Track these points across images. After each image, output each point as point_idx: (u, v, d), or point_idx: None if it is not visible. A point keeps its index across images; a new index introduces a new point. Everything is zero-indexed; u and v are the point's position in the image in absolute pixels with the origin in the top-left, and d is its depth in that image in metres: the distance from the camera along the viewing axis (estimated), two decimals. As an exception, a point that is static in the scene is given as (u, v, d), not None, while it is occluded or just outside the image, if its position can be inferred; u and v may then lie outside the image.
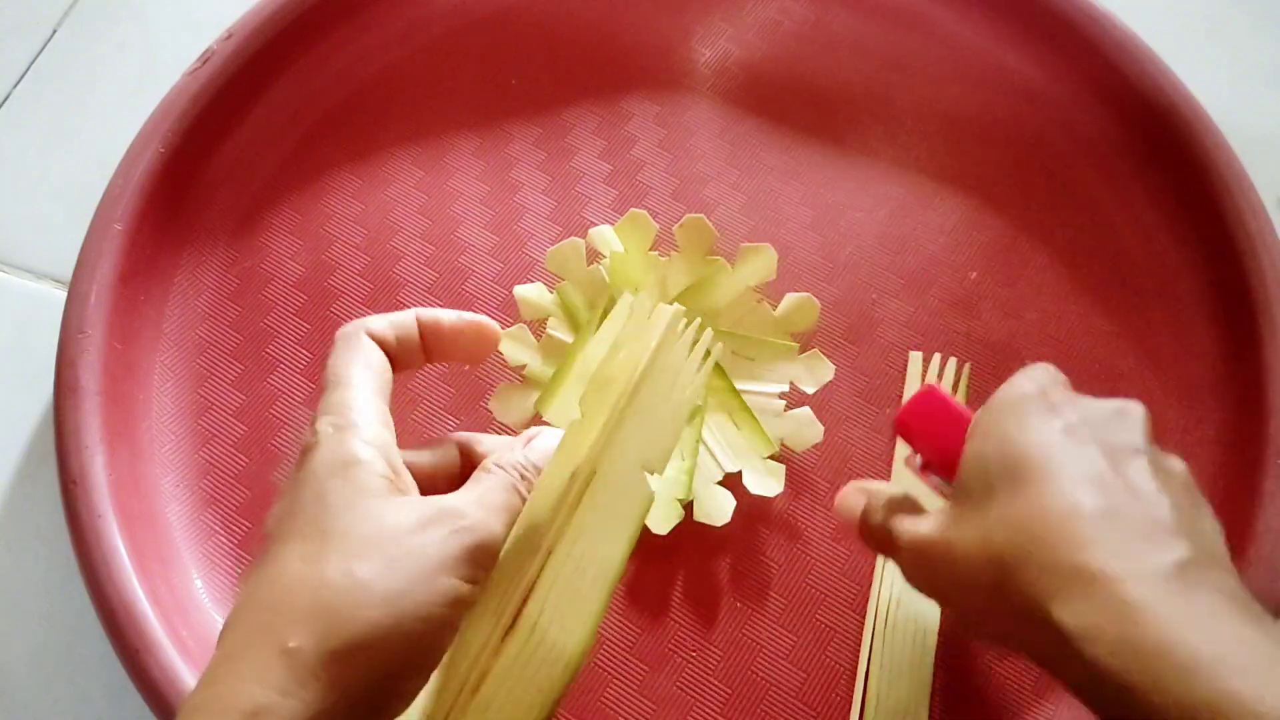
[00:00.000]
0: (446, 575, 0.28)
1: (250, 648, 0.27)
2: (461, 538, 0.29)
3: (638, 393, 0.33)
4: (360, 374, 0.34)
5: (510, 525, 0.31)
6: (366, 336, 0.35)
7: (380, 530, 0.28)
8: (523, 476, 0.32)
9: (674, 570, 0.46)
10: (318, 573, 0.28)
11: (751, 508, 0.47)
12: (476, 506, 0.30)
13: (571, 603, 0.31)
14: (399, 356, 0.35)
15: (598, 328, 0.46)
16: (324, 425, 0.31)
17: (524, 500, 0.32)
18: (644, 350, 0.34)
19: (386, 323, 0.35)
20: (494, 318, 0.51)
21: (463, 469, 0.35)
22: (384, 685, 0.27)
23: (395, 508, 0.29)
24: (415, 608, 0.27)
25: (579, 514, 0.32)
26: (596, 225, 0.52)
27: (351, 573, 0.27)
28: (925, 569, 0.35)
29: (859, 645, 0.45)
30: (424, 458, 0.34)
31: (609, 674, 0.45)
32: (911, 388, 0.50)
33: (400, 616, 0.27)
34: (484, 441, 0.35)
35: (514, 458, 0.33)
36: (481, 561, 0.29)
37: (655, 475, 0.33)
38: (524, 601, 0.31)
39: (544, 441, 0.34)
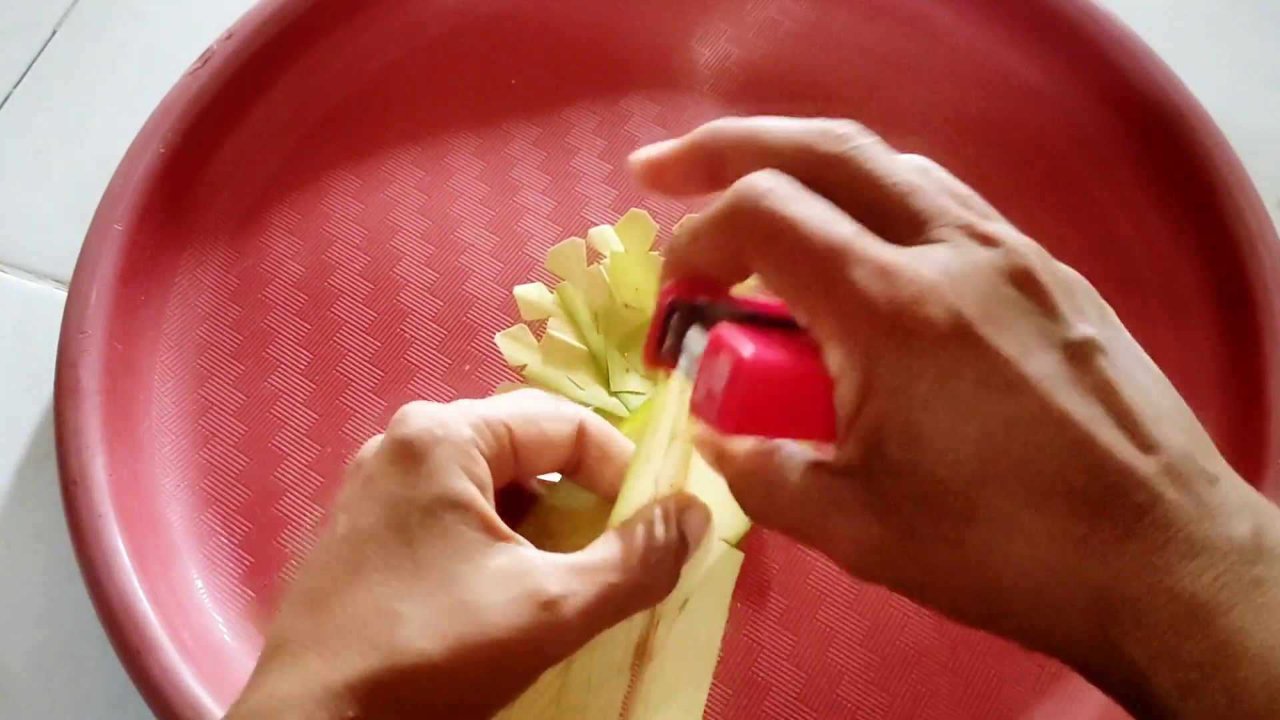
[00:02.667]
0: (509, 663, 0.27)
1: (309, 701, 0.26)
2: (535, 613, 0.27)
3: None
4: (508, 401, 0.31)
5: (603, 624, 0.28)
6: (580, 422, 0.32)
7: (465, 609, 0.27)
8: (660, 564, 0.29)
9: (674, 570, 0.46)
10: (389, 638, 0.26)
11: (752, 508, 0.47)
12: (563, 583, 0.27)
13: (679, 689, 0.29)
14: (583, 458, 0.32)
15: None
16: (427, 428, 0.28)
17: (640, 599, 0.29)
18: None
19: (608, 432, 0.32)
20: (494, 318, 0.52)
21: (573, 457, 0.32)
22: None
23: (485, 582, 0.27)
24: (473, 698, 0.27)
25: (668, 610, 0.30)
26: (597, 225, 0.52)
27: (426, 654, 0.26)
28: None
29: (861, 646, 0.45)
30: (533, 432, 0.30)
31: (609, 674, 0.45)
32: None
33: (458, 705, 0.26)
34: (608, 446, 0.32)
35: (661, 535, 0.29)
36: (552, 654, 0.27)
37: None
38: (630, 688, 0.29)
39: (700, 520, 0.30)
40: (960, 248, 0.25)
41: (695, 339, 0.27)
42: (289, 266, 0.53)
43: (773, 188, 0.26)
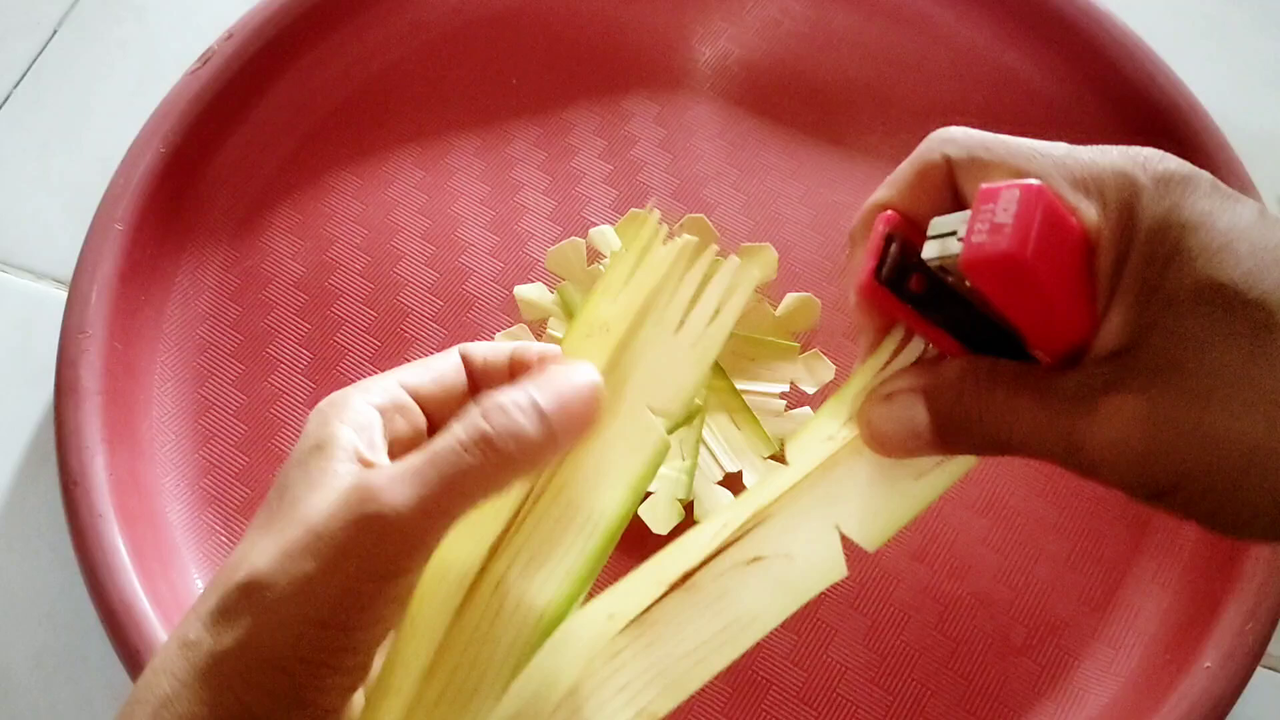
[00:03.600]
0: (342, 574, 0.26)
1: (171, 640, 0.27)
2: (357, 529, 0.26)
3: (639, 329, 0.29)
4: (410, 369, 0.31)
5: (446, 506, 0.26)
6: (457, 352, 0.32)
7: (296, 521, 0.26)
8: (508, 421, 0.27)
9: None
10: (232, 567, 0.27)
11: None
12: (397, 484, 0.26)
13: (548, 556, 0.27)
14: (490, 380, 0.31)
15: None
16: (319, 405, 0.30)
17: (488, 466, 0.26)
18: (647, 284, 0.29)
19: (484, 347, 0.32)
20: (494, 318, 0.52)
21: (470, 385, 0.31)
22: (290, 694, 0.26)
23: (321, 495, 0.27)
24: (306, 607, 0.26)
25: (568, 459, 0.28)
26: (597, 225, 0.52)
27: (254, 567, 0.26)
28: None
29: (861, 644, 0.45)
30: (424, 381, 0.31)
31: (610, 673, 0.45)
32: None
33: (292, 616, 0.26)
34: (477, 355, 0.31)
35: (502, 392, 0.28)
36: (389, 554, 0.26)
37: (666, 419, 0.29)
38: (491, 555, 0.27)
39: (560, 377, 0.28)
40: None
41: (944, 221, 0.26)
42: (289, 266, 0.53)
43: (961, 129, 0.27)
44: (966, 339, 0.27)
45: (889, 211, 0.28)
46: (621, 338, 0.29)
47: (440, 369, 0.31)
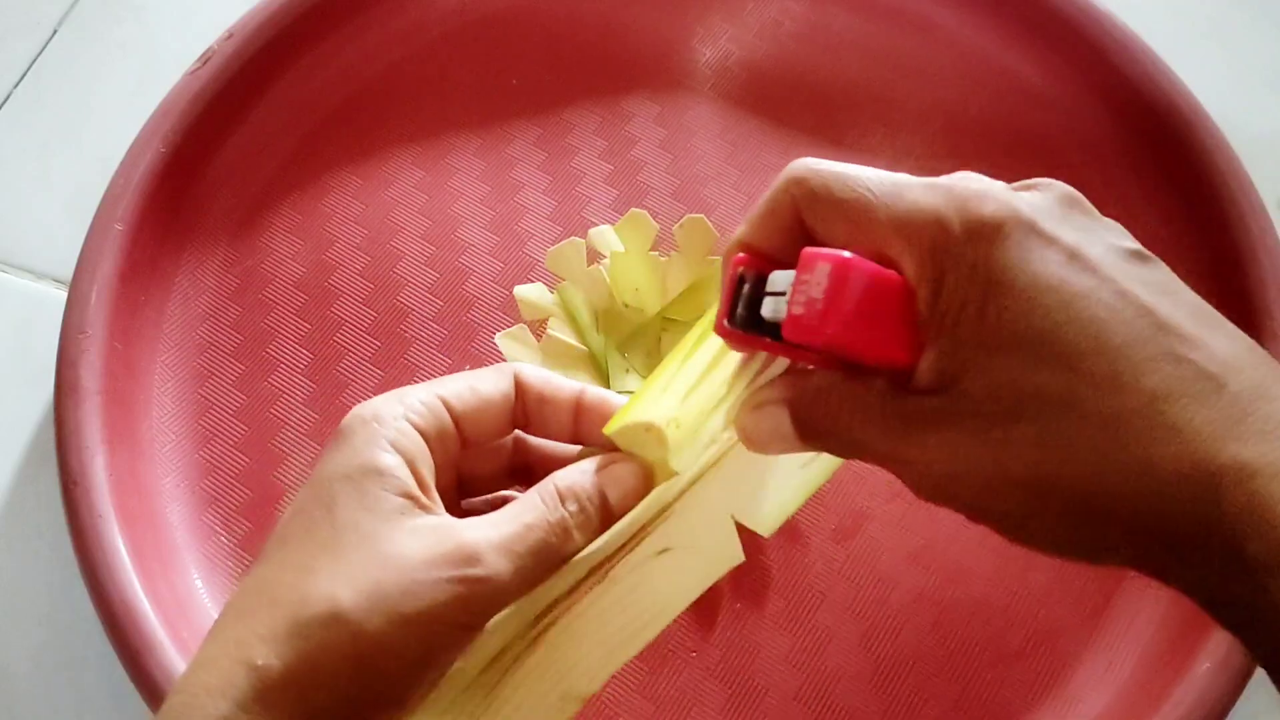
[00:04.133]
0: (436, 624, 0.27)
1: (223, 658, 0.27)
2: (464, 588, 0.27)
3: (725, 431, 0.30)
4: (456, 383, 0.31)
5: (533, 577, 0.28)
6: (512, 374, 0.32)
7: (380, 559, 0.27)
8: (580, 509, 0.29)
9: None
10: (301, 591, 0.27)
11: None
12: (498, 553, 0.27)
13: (596, 632, 0.29)
14: (541, 413, 0.32)
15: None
16: (358, 412, 0.29)
17: (564, 546, 0.29)
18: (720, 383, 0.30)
19: (544, 377, 0.32)
20: (494, 318, 0.52)
21: (518, 411, 0.32)
22: (347, 712, 0.26)
23: (404, 537, 0.27)
24: (392, 648, 0.26)
25: (638, 550, 0.29)
26: (597, 225, 0.52)
27: (336, 599, 0.26)
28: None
29: (858, 648, 0.45)
30: (469, 403, 0.31)
31: (609, 674, 0.45)
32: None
33: (375, 654, 0.26)
34: (534, 384, 0.31)
35: (578, 483, 0.30)
36: (483, 611, 0.27)
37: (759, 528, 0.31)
38: (542, 623, 0.29)
39: (624, 474, 0.30)
40: (1035, 187, 0.26)
41: (780, 277, 0.27)
42: (289, 266, 0.53)
43: (815, 162, 0.28)
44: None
45: (741, 254, 0.29)
46: (710, 445, 0.30)
47: (488, 393, 0.31)
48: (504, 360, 0.49)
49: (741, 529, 0.31)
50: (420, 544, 0.27)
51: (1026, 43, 0.58)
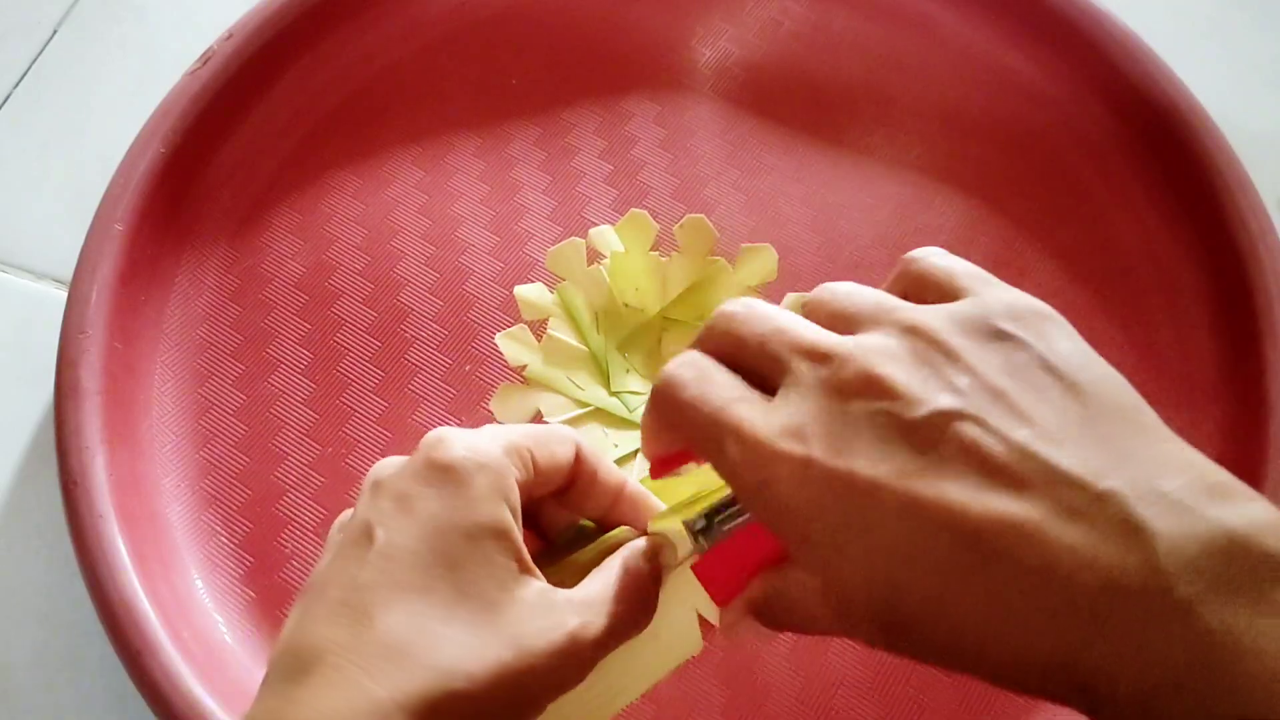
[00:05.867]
0: (542, 699, 0.28)
1: (354, 704, 0.26)
2: (564, 671, 0.28)
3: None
4: (525, 430, 0.31)
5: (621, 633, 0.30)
6: (574, 444, 0.33)
7: (506, 640, 0.27)
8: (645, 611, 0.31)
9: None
10: (436, 660, 0.27)
11: (752, 508, 0.47)
12: (594, 648, 0.29)
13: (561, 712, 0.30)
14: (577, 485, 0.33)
15: None
16: (468, 454, 0.29)
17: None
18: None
19: (599, 456, 0.33)
20: (494, 318, 0.52)
21: (571, 478, 0.32)
22: None
23: (524, 615, 0.28)
24: (520, 709, 0.28)
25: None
26: (597, 225, 0.52)
27: (473, 679, 0.27)
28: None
29: (860, 650, 0.45)
30: (546, 459, 0.31)
31: (609, 674, 0.45)
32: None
33: (500, 685, 0.27)
34: (599, 470, 0.33)
35: (646, 569, 0.31)
36: (565, 690, 0.29)
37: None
38: None
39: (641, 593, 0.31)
40: (801, 381, 0.27)
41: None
42: (289, 266, 0.53)
43: (672, 374, 0.29)
44: None
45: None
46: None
47: (561, 460, 0.32)
48: (504, 360, 0.50)
49: (702, 620, 0.33)
50: (539, 626, 0.28)
51: (1026, 42, 0.58)
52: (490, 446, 0.30)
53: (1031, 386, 0.26)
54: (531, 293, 0.50)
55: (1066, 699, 0.24)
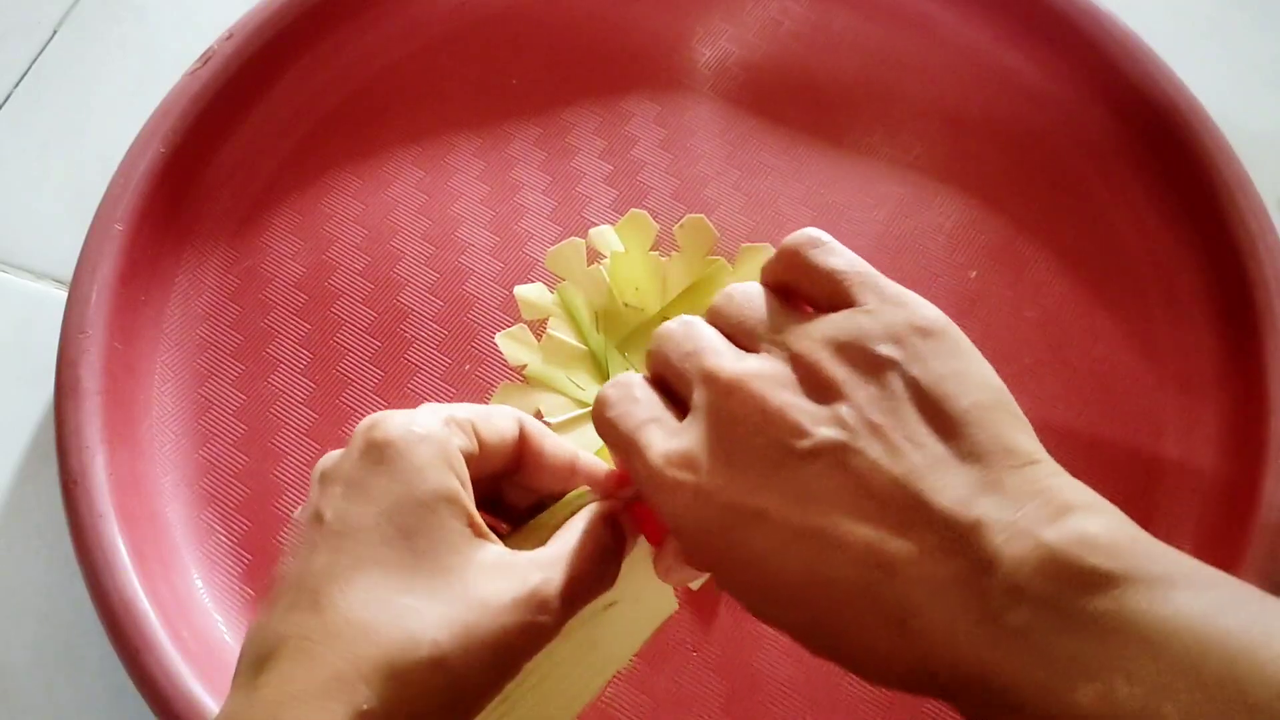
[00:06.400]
0: (515, 660, 0.28)
1: (326, 697, 0.26)
2: (535, 630, 0.28)
3: None
4: (465, 407, 0.32)
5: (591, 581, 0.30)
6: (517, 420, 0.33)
7: (469, 602, 0.27)
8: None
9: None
10: (400, 631, 0.27)
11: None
12: (562, 602, 0.29)
13: (559, 682, 0.30)
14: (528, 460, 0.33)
15: None
16: (406, 428, 0.30)
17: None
18: None
19: (545, 434, 0.34)
20: (494, 318, 0.52)
21: (518, 455, 0.33)
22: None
23: (485, 578, 0.28)
24: (482, 686, 0.27)
25: (589, 605, 0.31)
26: (597, 225, 0.52)
27: (438, 645, 0.27)
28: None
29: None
30: (489, 431, 0.32)
31: (609, 674, 0.45)
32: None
33: (467, 692, 0.27)
34: (545, 447, 0.33)
35: (608, 532, 0.32)
36: (538, 648, 0.29)
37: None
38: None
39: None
40: (700, 407, 0.29)
41: None
42: (289, 266, 0.53)
43: (602, 392, 0.31)
44: None
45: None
46: None
47: (504, 433, 0.32)
48: (503, 360, 0.50)
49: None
50: (501, 586, 0.28)
51: (1026, 43, 0.58)
52: (428, 419, 0.30)
53: (906, 419, 0.27)
54: (531, 293, 0.50)
55: (924, 692, 0.26)
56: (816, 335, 0.29)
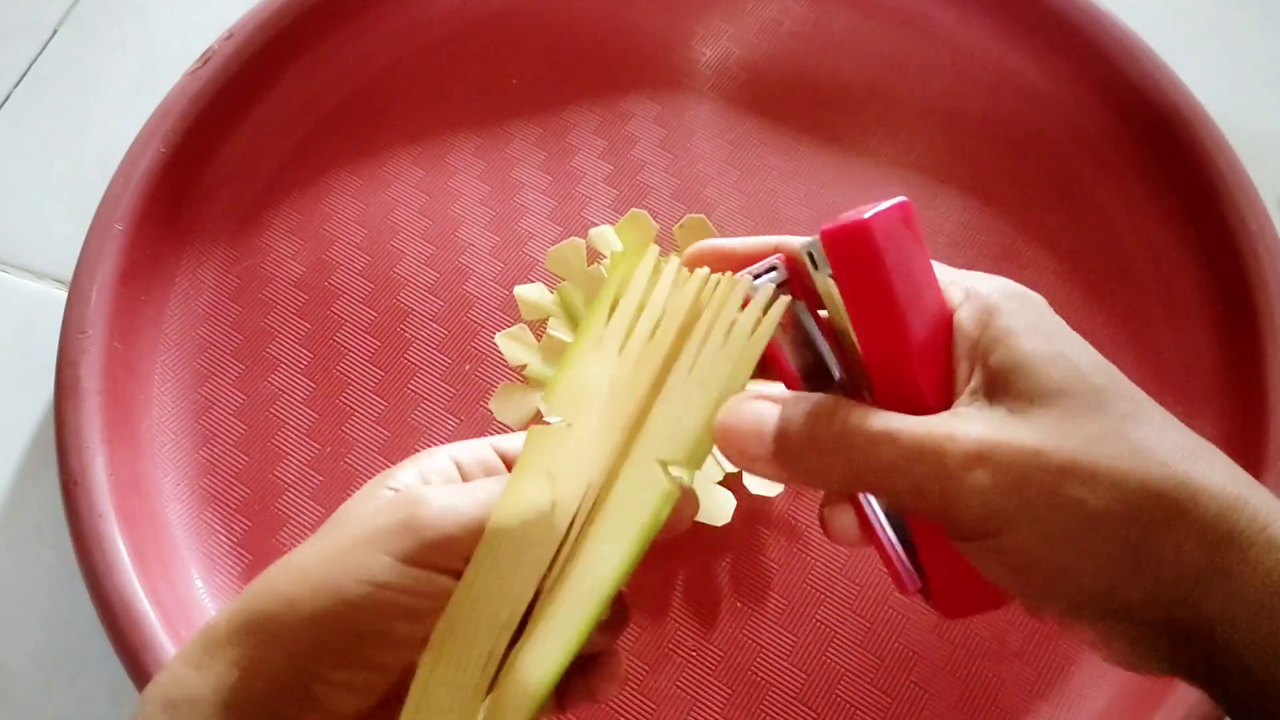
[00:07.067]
0: (372, 552, 0.26)
1: (200, 635, 0.28)
2: (401, 512, 0.27)
3: (645, 377, 0.29)
4: (469, 446, 0.32)
5: (477, 527, 0.28)
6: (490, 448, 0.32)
7: (340, 517, 0.28)
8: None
9: (674, 570, 0.46)
10: (270, 567, 0.28)
11: (751, 508, 0.47)
12: (445, 492, 0.28)
13: (552, 621, 0.28)
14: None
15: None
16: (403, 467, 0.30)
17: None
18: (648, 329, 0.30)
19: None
20: (494, 318, 0.52)
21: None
22: (298, 665, 0.26)
23: (369, 502, 0.28)
24: (329, 580, 0.26)
25: (583, 541, 0.28)
26: (597, 225, 0.52)
27: (289, 556, 0.27)
28: (957, 494, 0.25)
29: (860, 646, 0.45)
30: (474, 467, 0.31)
31: (609, 674, 0.45)
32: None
33: (314, 590, 0.26)
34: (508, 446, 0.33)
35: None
36: (431, 542, 0.27)
37: (680, 470, 0.29)
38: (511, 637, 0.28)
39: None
40: None
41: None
42: (289, 266, 0.53)
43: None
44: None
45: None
46: (633, 391, 0.29)
47: (488, 464, 0.32)
48: (503, 359, 0.49)
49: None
50: (377, 502, 0.28)
51: (1026, 43, 0.58)
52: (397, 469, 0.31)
53: None
54: (531, 293, 0.50)
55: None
56: None
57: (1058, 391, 0.25)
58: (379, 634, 0.27)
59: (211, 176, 0.54)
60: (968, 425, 0.25)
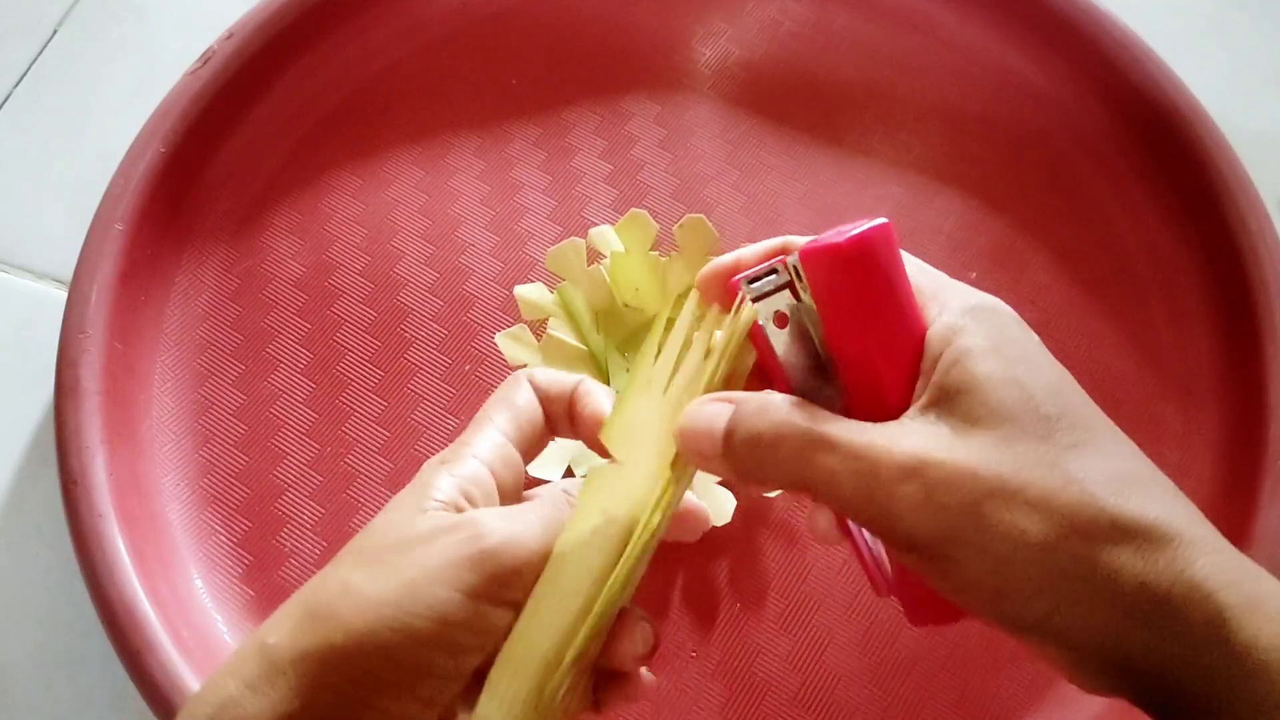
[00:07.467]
0: (442, 587, 0.26)
1: (244, 645, 0.27)
2: (468, 546, 0.27)
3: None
4: (500, 414, 0.31)
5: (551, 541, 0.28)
6: (526, 381, 0.32)
7: (395, 541, 0.28)
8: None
9: (673, 572, 0.46)
10: (320, 580, 0.28)
11: (751, 510, 0.47)
12: (504, 520, 0.28)
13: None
14: (552, 413, 0.32)
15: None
16: (432, 460, 0.30)
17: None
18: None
19: (550, 376, 0.32)
20: (494, 318, 0.52)
21: (545, 420, 0.32)
22: (354, 695, 0.26)
23: (420, 521, 0.28)
24: (399, 615, 0.26)
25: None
26: (597, 225, 0.52)
27: (347, 579, 0.27)
28: (889, 505, 0.25)
29: (858, 649, 0.45)
30: (517, 431, 0.31)
31: (609, 674, 0.45)
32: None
33: (385, 624, 0.26)
34: (541, 384, 0.32)
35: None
36: (498, 576, 0.27)
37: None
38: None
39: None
40: None
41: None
42: (289, 266, 0.53)
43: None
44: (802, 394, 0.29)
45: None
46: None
47: (525, 410, 0.32)
48: (503, 359, 0.49)
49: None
50: (431, 523, 0.28)
51: (1026, 43, 0.58)
52: (452, 450, 0.30)
53: None
54: (531, 293, 0.50)
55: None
56: None
57: (1003, 415, 0.26)
58: (438, 667, 0.27)
59: (211, 176, 0.54)
60: (908, 438, 0.26)
